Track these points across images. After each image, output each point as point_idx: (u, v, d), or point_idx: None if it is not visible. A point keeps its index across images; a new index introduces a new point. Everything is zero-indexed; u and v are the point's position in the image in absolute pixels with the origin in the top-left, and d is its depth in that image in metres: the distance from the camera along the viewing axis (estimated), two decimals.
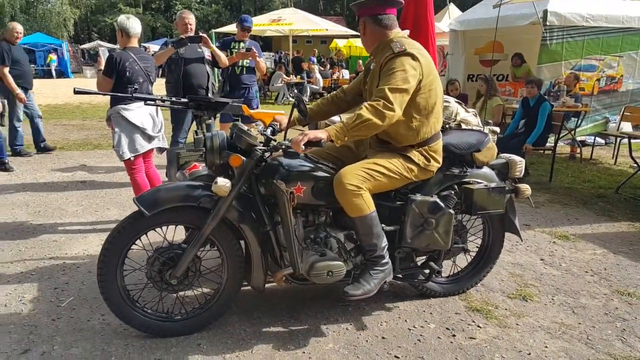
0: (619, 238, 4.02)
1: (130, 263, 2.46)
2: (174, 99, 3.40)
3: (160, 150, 4.01)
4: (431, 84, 2.40)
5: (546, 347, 2.47)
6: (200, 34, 4.76)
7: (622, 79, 7.92)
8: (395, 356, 2.37)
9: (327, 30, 15.56)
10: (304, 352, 2.38)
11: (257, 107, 5.92)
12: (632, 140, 5.78)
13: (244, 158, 2.33)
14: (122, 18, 3.76)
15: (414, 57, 2.32)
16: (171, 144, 4.87)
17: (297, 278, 2.49)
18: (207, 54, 4.87)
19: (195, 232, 2.42)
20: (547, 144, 6.08)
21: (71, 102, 13.34)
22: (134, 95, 3.18)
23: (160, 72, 4.74)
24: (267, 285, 2.54)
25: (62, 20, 36.01)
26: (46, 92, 8.86)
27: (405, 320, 2.69)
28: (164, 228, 2.45)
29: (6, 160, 5.83)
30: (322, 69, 17.57)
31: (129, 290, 2.42)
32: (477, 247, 3.05)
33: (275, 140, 2.44)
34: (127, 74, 3.63)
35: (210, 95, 4.91)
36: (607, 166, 6.87)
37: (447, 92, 7.93)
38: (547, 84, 7.35)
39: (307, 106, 2.55)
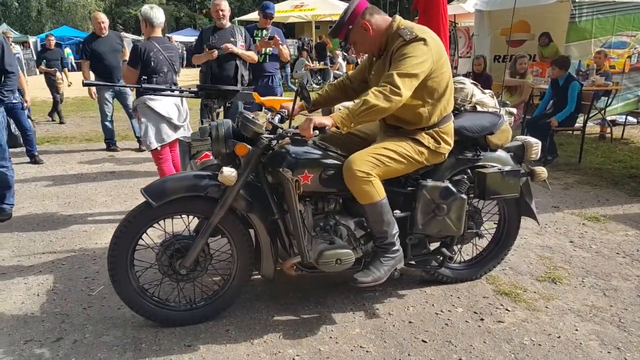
0: None
1: (142, 263, 2.51)
2: (182, 88, 3.42)
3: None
4: (442, 67, 2.36)
5: (577, 330, 2.43)
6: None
7: None
8: (423, 340, 2.37)
9: None
10: (330, 337, 2.39)
11: (281, 95, 5.92)
12: None
13: (249, 147, 2.31)
14: (145, 8, 3.81)
15: (425, 42, 2.28)
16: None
17: (306, 266, 2.48)
18: (240, 44, 4.86)
19: (203, 221, 2.43)
20: (576, 124, 5.92)
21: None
22: (143, 85, 3.21)
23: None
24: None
25: (87, 13, 36.51)
26: (74, 85, 9.08)
27: (433, 305, 2.68)
28: (169, 220, 2.45)
29: (36, 153, 5.99)
30: (346, 54, 17.41)
31: (140, 280, 2.44)
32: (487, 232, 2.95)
33: (282, 128, 2.41)
34: (152, 63, 3.70)
35: (238, 86, 4.92)
36: (639, 145, 6.65)
37: (471, 67, 7.77)
38: (575, 63, 7.13)
39: (314, 93, 2.52)
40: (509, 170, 2.59)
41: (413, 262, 2.70)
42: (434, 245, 2.79)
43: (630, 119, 7.64)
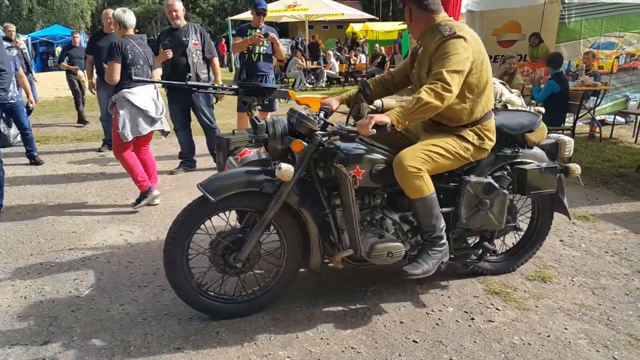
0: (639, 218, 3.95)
1: (193, 247, 2.51)
2: (225, 85, 3.50)
3: (163, 132, 4.31)
4: (482, 63, 2.43)
5: (566, 328, 2.45)
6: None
7: None
8: (414, 340, 2.37)
9: (343, 14, 15.41)
10: (322, 339, 2.39)
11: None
12: None
13: (305, 143, 2.35)
14: (118, 12, 4.09)
15: (465, 39, 2.34)
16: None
17: (355, 259, 2.54)
18: (192, 42, 4.89)
19: (253, 216, 2.51)
20: (566, 124, 5.96)
21: (88, 94, 13.45)
22: (188, 83, 3.31)
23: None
24: None
25: (79, 11, 36.20)
26: (64, 84, 8.98)
27: (424, 305, 2.69)
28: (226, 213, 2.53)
29: (35, 154, 5.92)
30: (339, 54, 17.42)
31: (195, 274, 2.49)
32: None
33: (332, 124, 2.47)
34: (130, 56, 3.97)
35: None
36: (627, 145, 6.72)
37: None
38: (565, 64, 7.19)
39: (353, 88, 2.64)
40: (547, 167, 2.68)
41: (452, 256, 2.74)
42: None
43: (619, 118, 7.72)
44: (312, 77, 15.44)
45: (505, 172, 2.68)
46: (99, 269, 3.12)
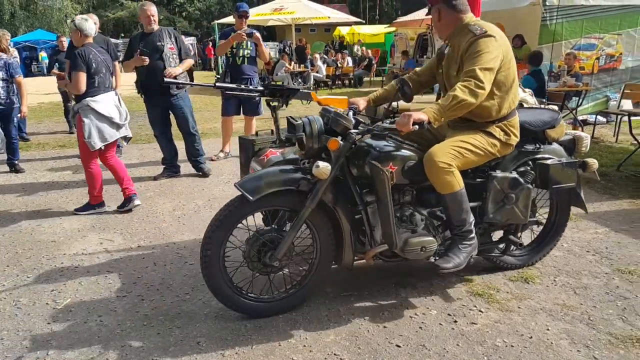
0: (621, 216, 3.99)
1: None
2: (250, 87, 3.54)
3: (127, 139, 4.37)
4: (509, 62, 2.52)
5: (548, 329, 2.45)
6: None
7: (621, 57, 7.84)
8: (397, 345, 2.36)
9: (329, 18, 15.42)
10: (304, 346, 2.36)
11: (258, 100, 5.86)
12: (632, 118, 5.71)
13: (341, 142, 2.38)
14: (79, 20, 4.08)
15: (495, 39, 2.43)
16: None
17: (386, 255, 2.62)
18: (168, 47, 4.85)
19: (285, 215, 2.56)
20: None
21: None
22: (216, 85, 3.35)
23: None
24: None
25: (63, 16, 35.80)
26: (48, 89, 8.84)
27: (407, 308, 2.68)
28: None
29: (16, 162, 5.81)
30: (326, 57, 17.43)
31: (230, 273, 2.51)
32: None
33: (364, 123, 2.52)
34: (94, 65, 3.95)
35: (174, 90, 4.93)
36: (608, 144, 6.81)
37: None
38: (547, 65, 7.27)
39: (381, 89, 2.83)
40: (568, 162, 2.78)
41: (477, 251, 2.76)
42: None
43: (600, 118, 7.82)
44: (300, 80, 15.44)
45: (529, 168, 2.76)
46: (78, 278, 3.06)
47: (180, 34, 5.17)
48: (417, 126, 2.25)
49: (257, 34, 5.44)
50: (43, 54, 26.35)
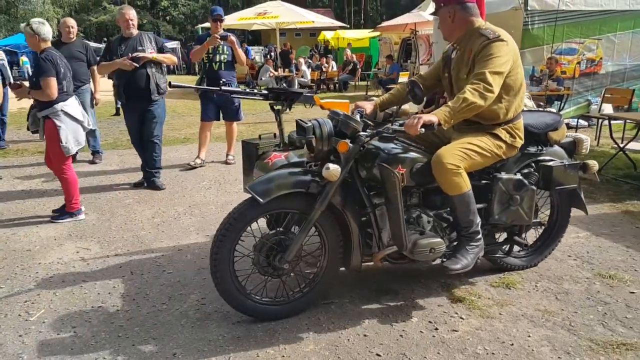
0: (601, 220, 4.01)
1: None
2: (255, 90, 3.52)
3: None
4: (518, 66, 2.57)
5: (529, 336, 2.44)
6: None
7: (602, 61, 7.94)
8: (377, 354, 2.32)
9: (314, 22, 15.42)
10: (283, 356, 2.31)
11: (238, 105, 5.81)
12: (613, 122, 5.77)
13: (350, 144, 2.38)
14: (37, 24, 3.98)
15: (507, 44, 2.49)
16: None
17: (394, 257, 2.63)
18: (149, 52, 4.76)
19: (294, 217, 2.56)
20: None
21: None
22: (222, 88, 3.34)
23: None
24: None
25: (44, 20, 35.38)
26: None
27: (388, 316, 2.65)
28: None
29: None
30: (310, 61, 17.43)
31: (238, 276, 2.51)
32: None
33: (372, 126, 2.54)
34: (62, 69, 3.90)
35: (154, 96, 4.83)
36: (590, 148, 6.85)
37: None
38: (529, 69, 7.34)
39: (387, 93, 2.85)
40: (570, 164, 2.84)
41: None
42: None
43: (582, 122, 7.90)
44: (284, 85, 15.41)
45: (532, 169, 2.81)
46: (53, 288, 2.97)
47: (157, 37, 5.06)
48: (424, 129, 2.27)
49: (233, 37, 5.36)
50: (24, 59, 25.93)
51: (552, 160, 2.84)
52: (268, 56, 17.75)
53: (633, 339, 2.38)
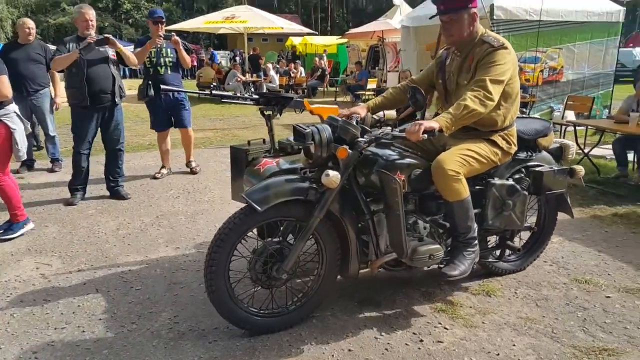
0: (572, 225, 4.06)
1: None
2: (246, 95, 3.42)
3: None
4: (516, 75, 2.59)
5: (514, 345, 2.41)
6: (105, 35, 4.51)
7: (563, 70, 8.21)
8: None
9: (282, 28, 15.32)
10: None
11: (189, 110, 5.59)
12: (577, 128, 5.93)
13: (350, 150, 2.33)
14: None
15: (509, 52, 2.50)
16: (73, 156, 4.65)
17: (391, 264, 2.62)
18: (111, 53, 4.53)
19: (290, 226, 2.51)
20: None
21: None
22: (213, 92, 3.22)
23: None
24: None
25: None
26: None
27: (372, 328, 2.57)
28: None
29: None
30: (278, 66, 17.31)
31: (234, 289, 2.44)
32: None
33: (369, 131, 2.48)
34: (6, 70, 3.67)
35: (117, 99, 4.60)
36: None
37: (398, 81, 7.91)
38: None
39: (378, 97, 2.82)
40: (559, 169, 2.87)
41: None
42: None
43: None
44: (252, 90, 15.23)
45: (523, 175, 2.84)
46: (10, 310, 2.75)
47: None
48: (426, 135, 2.24)
49: (176, 37, 5.13)
50: None
51: (541, 165, 2.87)
52: (235, 61, 17.52)
53: (614, 344, 2.39)
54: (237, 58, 18.21)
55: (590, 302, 2.80)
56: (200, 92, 3.54)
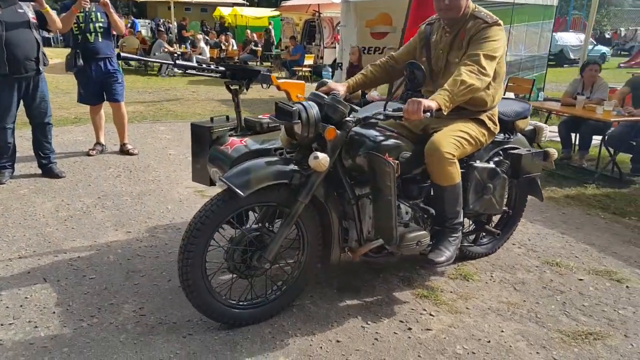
0: (530, 207, 4.07)
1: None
2: (212, 67, 3.02)
3: None
4: (504, 54, 2.50)
5: (502, 331, 2.38)
6: None
7: None
8: None
9: None
10: None
11: (122, 83, 5.09)
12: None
13: (338, 131, 2.16)
14: None
15: (502, 29, 2.41)
16: None
17: (374, 251, 2.49)
18: (31, 16, 3.97)
19: (269, 211, 2.34)
20: None
21: None
22: (177, 62, 3.04)
23: None
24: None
25: None
26: None
27: (356, 317, 2.45)
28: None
29: None
30: (208, 38, 16.47)
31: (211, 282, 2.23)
32: None
33: (356, 110, 2.36)
34: None
35: (41, 67, 4.07)
36: None
37: (340, 58, 7.68)
38: None
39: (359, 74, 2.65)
40: (536, 152, 2.82)
41: None
42: None
43: None
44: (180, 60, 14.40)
45: (501, 157, 2.77)
46: None
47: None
48: (428, 114, 2.08)
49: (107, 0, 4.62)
50: None
51: (517, 148, 2.83)
52: (161, 30, 16.42)
53: (596, 327, 2.44)
54: (161, 27, 17.05)
55: (566, 285, 2.85)
56: (164, 61, 3.21)
